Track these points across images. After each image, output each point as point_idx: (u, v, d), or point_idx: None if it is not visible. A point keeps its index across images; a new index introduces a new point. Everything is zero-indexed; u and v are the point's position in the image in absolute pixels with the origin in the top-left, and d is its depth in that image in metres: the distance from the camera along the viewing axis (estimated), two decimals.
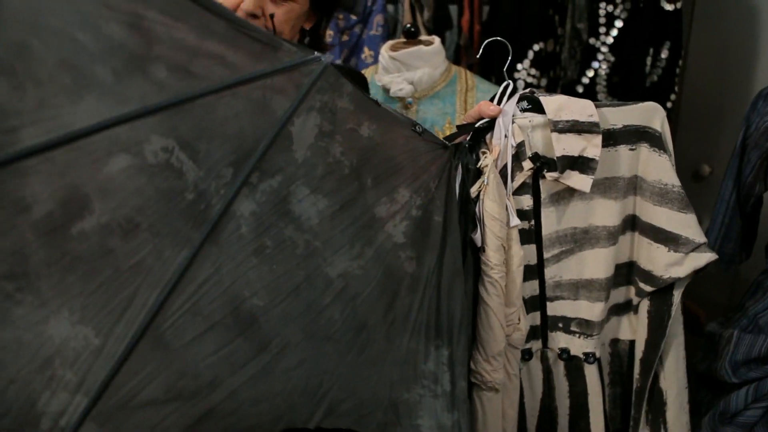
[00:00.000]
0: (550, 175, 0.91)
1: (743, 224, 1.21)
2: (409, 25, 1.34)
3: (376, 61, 1.60)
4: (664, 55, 1.58)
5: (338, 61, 1.74)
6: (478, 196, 0.89)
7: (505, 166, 0.91)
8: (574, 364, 1.07)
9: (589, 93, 1.68)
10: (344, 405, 0.79)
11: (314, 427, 0.78)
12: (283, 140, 0.69)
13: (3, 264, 0.52)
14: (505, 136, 0.91)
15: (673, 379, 1.04)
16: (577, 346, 1.06)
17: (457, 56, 1.73)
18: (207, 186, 0.63)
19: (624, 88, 1.64)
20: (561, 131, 0.89)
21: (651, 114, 0.95)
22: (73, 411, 0.57)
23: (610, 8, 1.63)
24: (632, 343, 1.06)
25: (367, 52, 1.73)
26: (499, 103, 0.92)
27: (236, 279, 0.67)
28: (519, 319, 0.98)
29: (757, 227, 1.25)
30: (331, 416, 0.78)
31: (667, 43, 1.57)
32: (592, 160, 0.89)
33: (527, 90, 0.93)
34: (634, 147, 0.95)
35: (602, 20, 1.65)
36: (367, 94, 0.79)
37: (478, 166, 0.89)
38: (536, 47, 1.54)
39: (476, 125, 0.90)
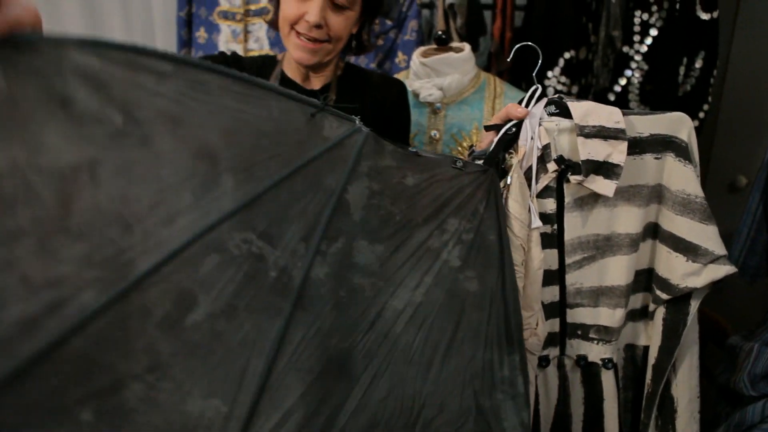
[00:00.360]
0: (574, 179, 0.92)
1: None
2: (440, 32, 1.38)
3: (408, 65, 1.64)
4: (698, 64, 1.55)
5: (372, 65, 1.79)
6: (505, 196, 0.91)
7: (530, 167, 0.92)
8: (591, 371, 1.07)
9: (621, 101, 1.67)
10: (437, 421, 0.87)
11: None
12: (341, 208, 0.80)
13: (143, 361, 0.65)
14: (531, 138, 0.92)
15: (686, 387, 1.03)
16: (595, 352, 1.06)
17: (489, 62, 1.75)
18: (285, 262, 0.75)
19: (656, 96, 1.62)
20: (587, 136, 0.90)
21: (678, 124, 0.96)
22: None
23: (645, 16, 1.62)
24: (646, 349, 1.06)
25: (401, 57, 1.77)
26: (527, 106, 0.93)
27: (323, 332, 0.78)
28: (537, 324, 0.98)
29: None
30: None
31: (702, 52, 1.54)
32: (617, 165, 0.89)
33: (556, 95, 0.94)
34: (659, 156, 0.96)
35: (637, 28, 1.64)
36: (416, 151, 0.86)
37: (502, 166, 0.92)
38: (567, 55, 1.55)
39: (504, 127, 0.92)
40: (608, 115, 0.92)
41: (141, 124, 0.65)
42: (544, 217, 0.97)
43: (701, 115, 1.58)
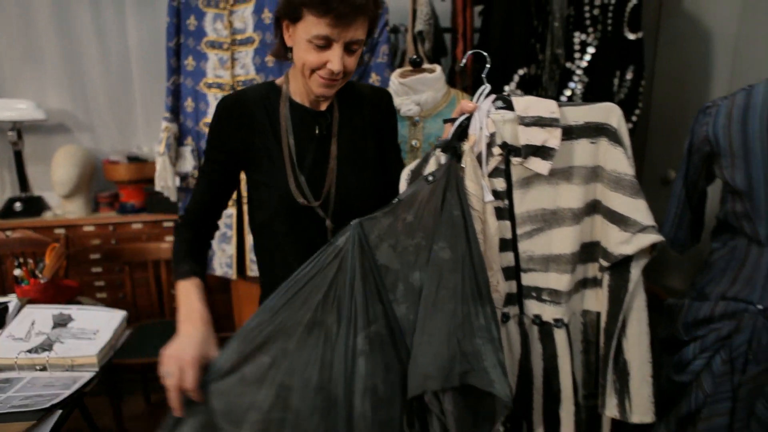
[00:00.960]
0: (515, 160, 1.07)
1: (692, 215, 1.46)
2: (415, 57, 1.59)
3: (382, 85, 1.85)
4: (629, 76, 1.82)
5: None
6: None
7: (481, 152, 1.08)
8: (545, 329, 1.18)
9: None
10: (431, 368, 1.03)
11: (420, 392, 1.05)
12: (384, 272, 1.07)
13: None
14: (481, 128, 1.08)
15: (636, 351, 1.13)
16: (548, 312, 1.17)
17: (452, 80, 1.98)
18: (378, 328, 1.06)
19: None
20: (527, 125, 1.05)
21: (609, 113, 1.09)
22: None
23: (583, 37, 1.89)
24: (599, 314, 1.18)
25: (374, 77, 1.99)
26: (478, 102, 1.10)
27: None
28: (498, 282, 1.14)
29: (703, 217, 1.50)
30: (429, 380, 1.03)
31: (631, 66, 1.81)
32: (552, 149, 1.05)
33: (505, 93, 1.12)
34: (594, 141, 1.09)
35: (577, 47, 1.90)
36: (398, 200, 1.08)
37: (459, 152, 1.08)
38: (521, 71, 1.79)
39: (458, 119, 1.09)
40: (545, 107, 1.06)
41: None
42: (496, 194, 1.11)
43: (634, 119, 1.85)
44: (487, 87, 1.11)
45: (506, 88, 1.79)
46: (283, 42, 1.14)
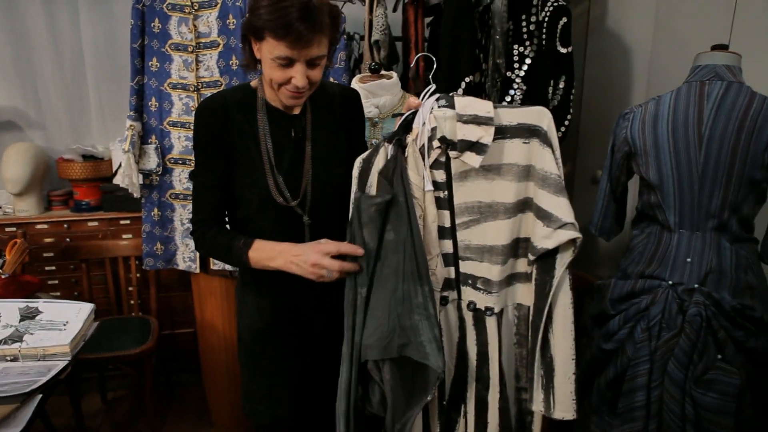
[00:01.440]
0: (452, 154, 1.14)
1: (616, 206, 1.69)
2: (373, 64, 1.74)
3: None
4: (561, 85, 2.02)
5: None
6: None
7: (424, 145, 1.16)
8: (479, 316, 1.23)
9: None
10: (373, 336, 1.13)
11: (365, 359, 1.14)
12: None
13: None
14: (423, 123, 1.15)
15: (561, 348, 1.17)
16: (482, 300, 1.22)
17: (405, 85, 2.14)
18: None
19: None
20: (464, 122, 1.12)
21: (540, 116, 1.16)
22: None
23: (521, 49, 2.08)
24: (530, 308, 1.22)
25: (332, 81, 2.11)
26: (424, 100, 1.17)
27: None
28: (436, 266, 1.22)
29: (626, 208, 1.73)
30: (368, 350, 1.13)
31: (563, 76, 2.01)
32: (485, 145, 1.11)
33: (451, 93, 1.18)
34: (527, 141, 1.15)
35: (516, 58, 2.09)
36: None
37: (403, 144, 1.17)
38: (468, 79, 1.97)
39: (405, 114, 1.19)
40: (482, 107, 1.12)
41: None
42: (437, 185, 1.17)
43: (566, 123, 2.06)
44: (432, 86, 1.19)
45: (453, 94, 1.96)
46: (252, 55, 1.20)
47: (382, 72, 1.78)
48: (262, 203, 1.25)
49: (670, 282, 1.46)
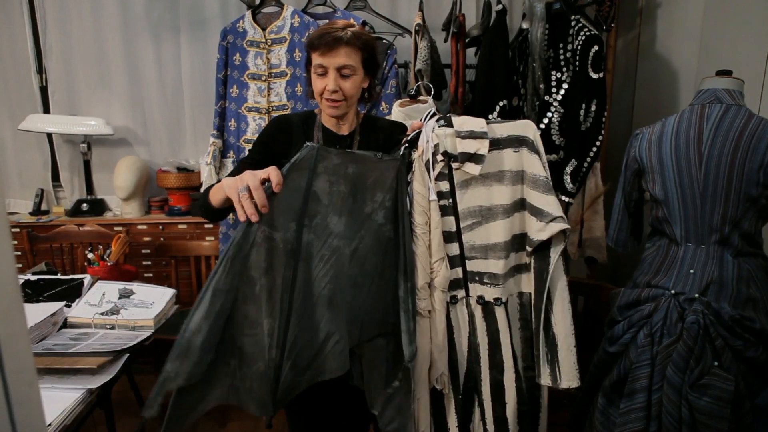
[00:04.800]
0: (454, 165, 1.30)
1: (630, 220, 1.79)
2: (412, 90, 1.98)
3: (389, 112, 2.24)
4: (593, 108, 2.17)
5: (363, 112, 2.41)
6: (410, 179, 1.32)
7: (428, 160, 1.31)
8: (488, 308, 1.36)
9: (546, 134, 2.25)
10: (370, 323, 1.28)
11: (361, 341, 1.27)
12: (314, 198, 1.17)
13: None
14: (427, 141, 1.31)
15: (561, 325, 1.32)
16: (489, 293, 1.35)
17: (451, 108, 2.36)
18: (286, 236, 1.14)
19: (568, 131, 2.23)
20: (463, 137, 1.29)
21: (526, 128, 1.33)
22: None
23: (559, 75, 2.25)
24: (531, 294, 1.37)
25: (384, 106, 2.39)
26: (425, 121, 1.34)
27: (317, 273, 1.20)
28: (440, 269, 1.32)
29: (642, 223, 1.83)
30: (363, 333, 1.28)
31: (595, 100, 2.15)
32: (482, 156, 1.27)
33: (448, 114, 1.35)
34: (517, 150, 1.32)
35: (554, 83, 2.26)
36: (352, 151, 1.27)
37: (409, 159, 1.32)
38: (501, 103, 2.16)
39: (410, 135, 1.35)
40: (476, 123, 1.28)
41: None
42: (442, 194, 1.31)
43: (597, 143, 2.19)
44: (432, 109, 1.37)
45: (490, 116, 2.16)
46: (310, 83, 1.41)
47: (420, 97, 2.01)
48: None
49: (673, 291, 1.55)
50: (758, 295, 1.51)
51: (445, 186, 1.35)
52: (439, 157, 1.32)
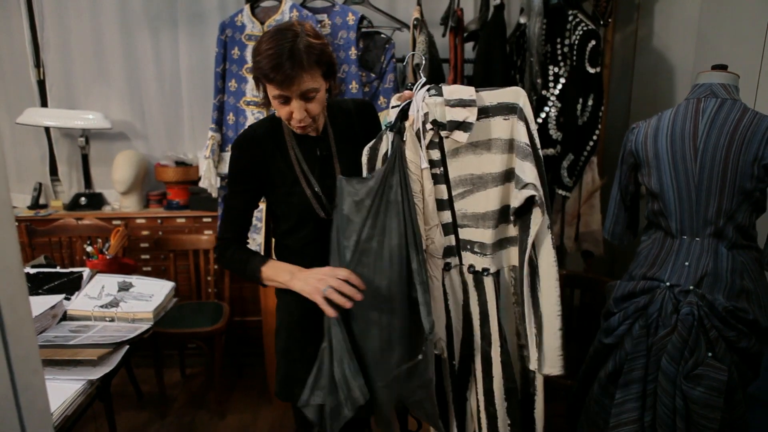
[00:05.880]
0: (443, 133, 1.30)
1: (626, 214, 1.81)
2: (410, 84, 1.98)
3: (388, 106, 2.24)
4: (590, 102, 2.18)
5: None
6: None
7: (419, 129, 1.31)
8: (478, 278, 1.36)
9: (543, 128, 2.27)
10: (394, 299, 1.29)
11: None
12: (349, 223, 1.29)
13: None
14: (417, 110, 1.30)
15: (546, 304, 1.30)
16: (479, 263, 1.35)
17: None
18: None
19: (565, 125, 2.24)
20: (452, 105, 1.27)
21: (516, 95, 1.30)
22: None
23: (556, 69, 2.26)
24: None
25: (382, 100, 2.40)
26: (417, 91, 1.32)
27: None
28: (435, 236, 1.36)
29: (638, 216, 1.84)
30: (388, 301, 1.28)
31: (592, 95, 2.17)
32: (471, 123, 1.27)
33: (440, 84, 1.33)
34: (507, 118, 1.30)
35: (551, 78, 2.27)
36: (365, 177, 1.34)
37: (402, 129, 1.32)
38: None
39: (401, 104, 1.34)
40: (466, 91, 1.27)
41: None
42: (433, 163, 1.31)
43: (594, 137, 2.20)
44: (422, 79, 1.35)
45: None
46: (266, 95, 1.33)
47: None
48: (301, 215, 1.40)
49: (668, 283, 1.57)
50: (751, 287, 1.52)
51: (436, 154, 1.34)
52: (429, 126, 1.31)
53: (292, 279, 1.30)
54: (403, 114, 1.34)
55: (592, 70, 2.14)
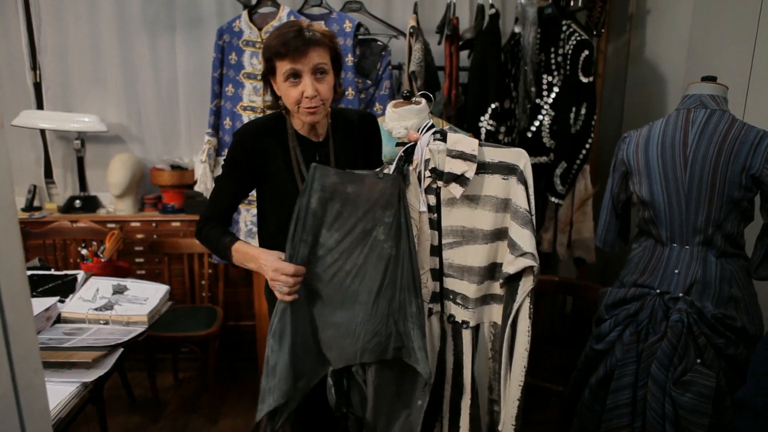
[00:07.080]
0: (439, 183, 1.30)
1: (618, 221, 1.83)
2: (406, 91, 2.01)
3: (383, 113, 2.27)
4: (583, 111, 2.21)
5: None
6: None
7: (420, 172, 1.32)
8: (457, 328, 1.36)
9: (537, 136, 2.31)
10: (373, 340, 1.30)
11: (360, 362, 1.30)
12: (313, 217, 1.27)
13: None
14: (421, 156, 1.32)
15: (515, 371, 1.29)
16: (460, 314, 1.35)
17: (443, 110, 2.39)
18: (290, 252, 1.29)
19: (559, 134, 2.27)
20: (453, 157, 1.27)
21: (518, 156, 1.29)
22: None
23: (550, 78, 2.29)
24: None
25: (378, 106, 2.42)
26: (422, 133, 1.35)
27: (316, 287, 1.34)
28: (427, 280, 1.36)
29: (629, 224, 1.87)
30: (365, 353, 1.30)
31: (585, 104, 2.20)
32: (468, 178, 1.26)
33: (447, 127, 1.40)
34: (506, 178, 1.29)
35: (545, 86, 2.30)
36: (351, 171, 1.29)
37: (404, 172, 1.34)
38: (493, 105, 2.19)
39: (406, 144, 1.36)
40: (469, 144, 1.27)
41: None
42: (430, 208, 1.31)
43: (587, 146, 2.23)
44: (429, 122, 1.37)
45: (482, 117, 2.20)
46: (274, 95, 1.40)
47: (413, 99, 2.04)
48: (290, 215, 1.35)
49: (658, 291, 1.60)
50: (740, 295, 1.55)
51: (431, 200, 1.35)
52: (427, 173, 1.32)
53: (258, 267, 1.34)
54: (408, 155, 1.34)
55: (585, 80, 2.17)
